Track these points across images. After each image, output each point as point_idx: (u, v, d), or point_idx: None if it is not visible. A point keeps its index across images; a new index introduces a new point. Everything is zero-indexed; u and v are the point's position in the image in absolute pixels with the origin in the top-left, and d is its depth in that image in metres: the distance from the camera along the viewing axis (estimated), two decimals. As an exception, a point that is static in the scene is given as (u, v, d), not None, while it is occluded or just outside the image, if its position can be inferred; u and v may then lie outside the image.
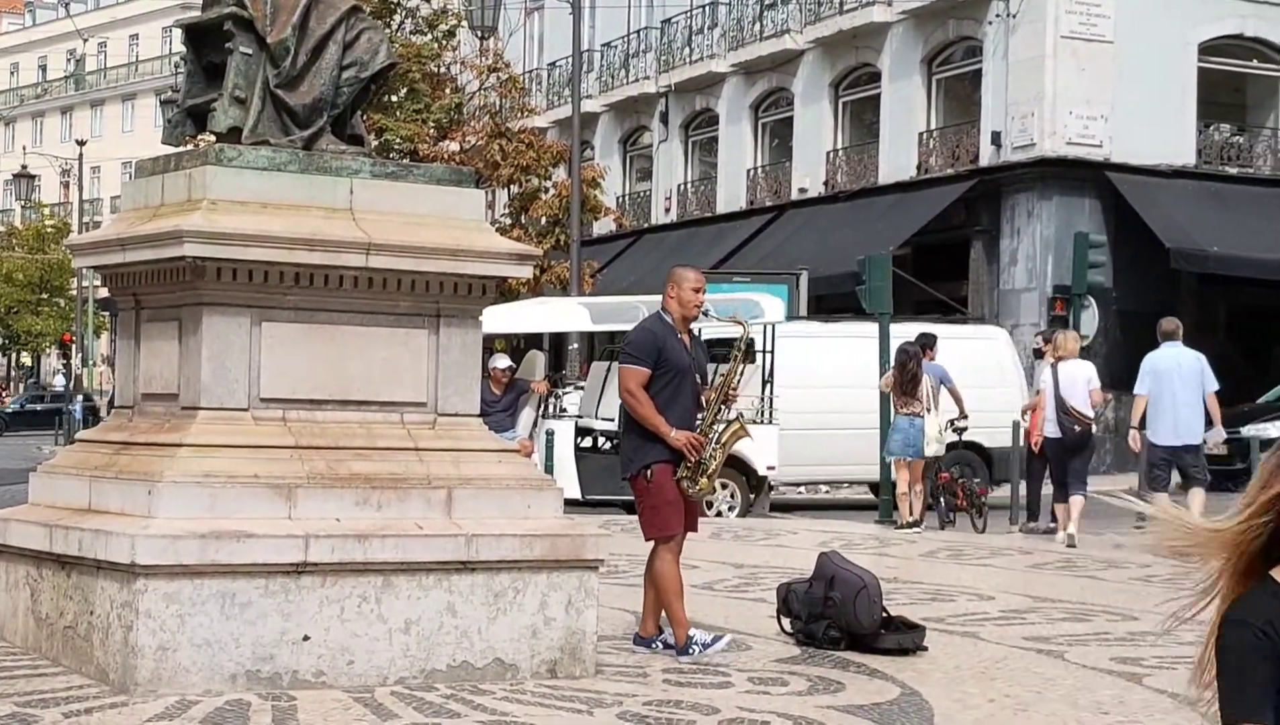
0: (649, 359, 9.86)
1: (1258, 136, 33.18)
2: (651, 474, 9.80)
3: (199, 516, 8.23)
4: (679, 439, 9.78)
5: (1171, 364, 17.15)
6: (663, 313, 10.09)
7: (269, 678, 8.24)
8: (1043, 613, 12.24)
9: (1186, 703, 8.85)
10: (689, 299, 10.01)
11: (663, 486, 9.81)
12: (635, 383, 9.85)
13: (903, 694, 8.91)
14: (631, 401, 9.84)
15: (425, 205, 9.15)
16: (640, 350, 9.94)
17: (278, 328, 8.73)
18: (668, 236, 40.32)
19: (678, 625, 9.81)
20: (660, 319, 10.07)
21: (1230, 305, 32.62)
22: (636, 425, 9.89)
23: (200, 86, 9.44)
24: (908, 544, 17.23)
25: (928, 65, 33.64)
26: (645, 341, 9.97)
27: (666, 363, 9.86)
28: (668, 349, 9.89)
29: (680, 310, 10.03)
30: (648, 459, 9.82)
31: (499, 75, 37.42)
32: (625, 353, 10.06)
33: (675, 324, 10.02)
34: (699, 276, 10.14)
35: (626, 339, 10.31)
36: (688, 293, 10.02)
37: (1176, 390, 17.01)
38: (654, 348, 9.89)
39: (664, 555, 9.89)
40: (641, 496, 9.94)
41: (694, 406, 10.00)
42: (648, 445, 9.82)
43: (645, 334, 10.04)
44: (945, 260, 32.28)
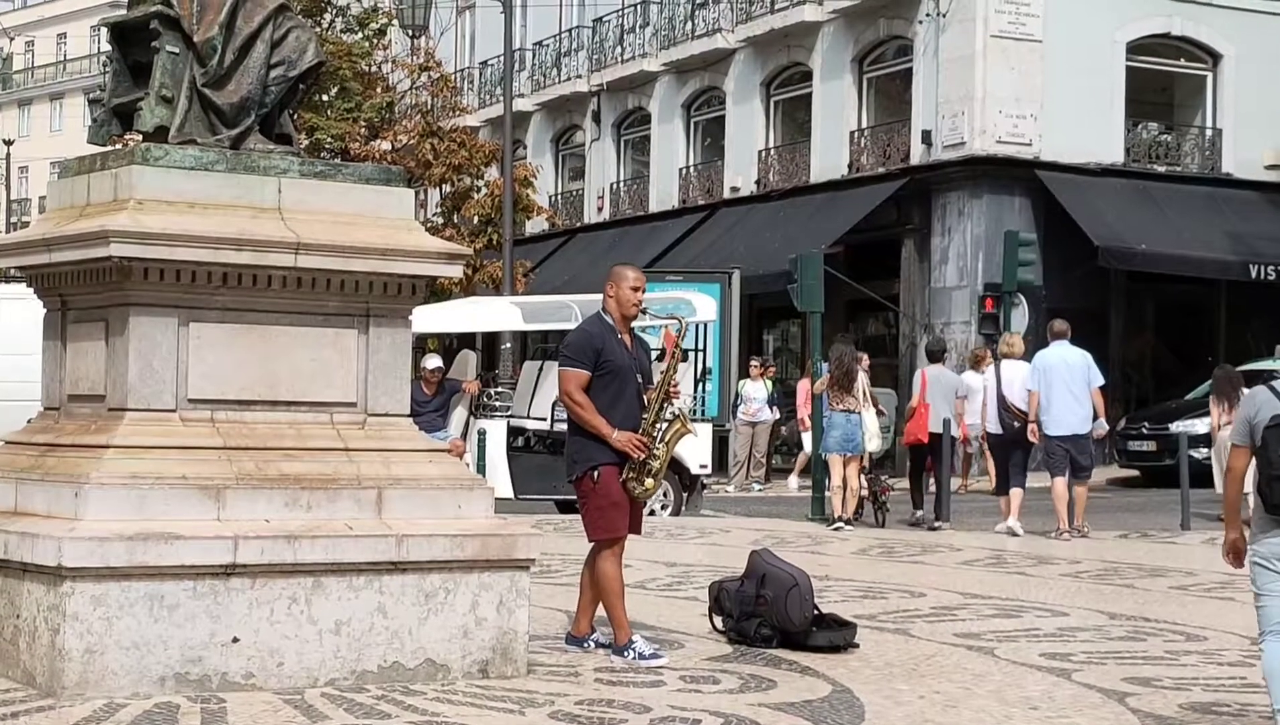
0: (587, 361, 9.80)
1: (1185, 135, 33.43)
2: (599, 476, 9.74)
3: (126, 518, 8.17)
4: (621, 440, 9.73)
5: (1059, 361, 18.47)
6: (602, 313, 10.03)
7: (198, 680, 8.19)
8: (973, 609, 12.31)
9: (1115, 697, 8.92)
10: (627, 297, 9.93)
11: (609, 487, 9.76)
12: (574, 385, 9.79)
13: (834, 691, 8.94)
14: (571, 405, 9.80)
15: (354, 204, 9.11)
16: (578, 352, 9.87)
17: (206, 328, 8.68)
18: (600, 236, 40.31)
19: (618, 627, 9.78)
20: (600, 319, 10.01)
21: (1159, 302, 32.86)
22: (580, 427, 9.83)
23: (126, 85, 9.36)
24: (840, 542, 17.29)
25: (859, 64, 33.73)
26: (582, 343, 9.91)
27: (606, 364, 9.80)
28: (606, 350, 9.82)
29: (619, 309, 9.96)
30: (594, 461, 9.77)
31: (430, 74, 37.35)
32: (563, 356, 9.99)
33: (615, 323, 9.94)
34: (638, 275, 10.05)
35: (564, 341, 10.24)
36: (625, 291, 9.94)
37: (1065, 386, 18.30)
38: (592, 349, 9.83)
39: (607, 556, 9.87)
40: (586, 497, 9.88)
41: (638, 407, 9.94)
42: (592, 446, 9.77)
43: (582, 336, 9.99)
44: (877, 259, 32.39)
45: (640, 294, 9.98)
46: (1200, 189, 32.32)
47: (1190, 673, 9.80)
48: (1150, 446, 27.33)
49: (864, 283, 31.79)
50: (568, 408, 9.86)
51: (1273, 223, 31.97)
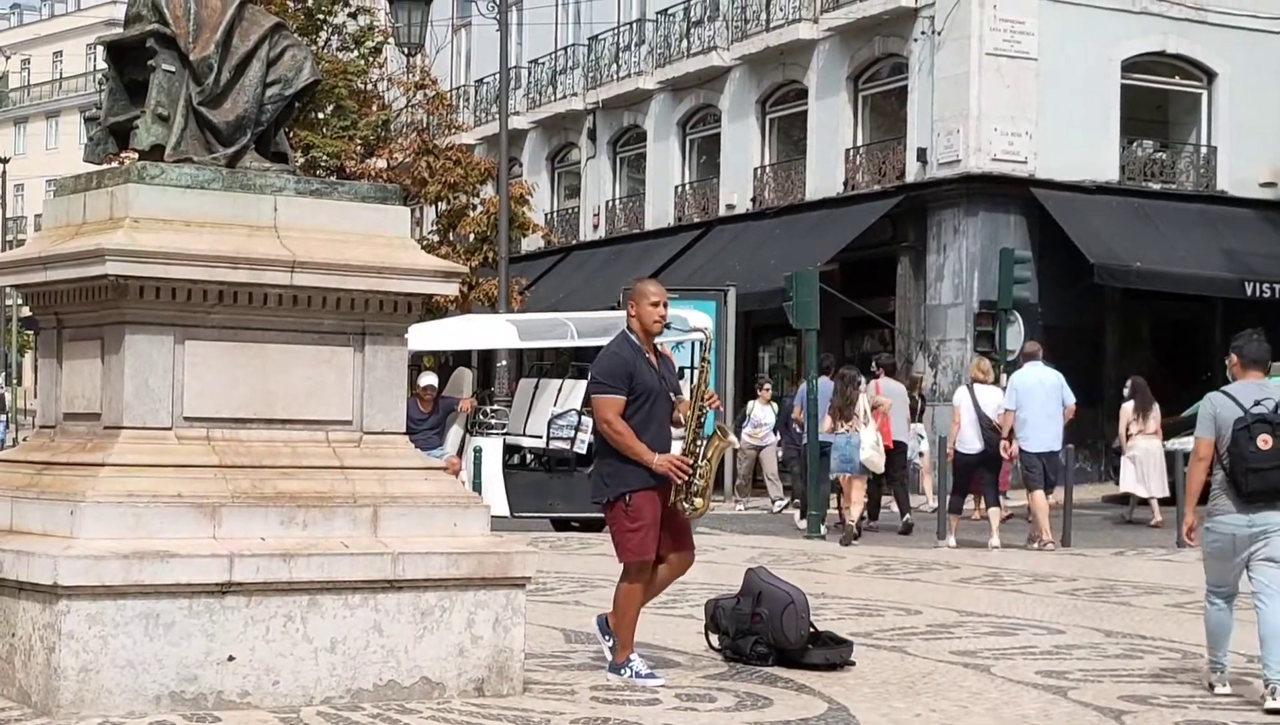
0: (622, 386, 9.62)
1: (1180, 153, 33.47)
2: (630, 500, 9.59)
3: (122, 536, 8.17)
4: (664, 464, 9.60)
5: (1034, 382, 19.52)
6: (628, 332, 9.86)
7: (193, 699, 8.18)
8: (969, 627, 12.30)
9: (1111, 715, 8.92)
10: (648, 314, 9.79)
11: (641, 511, 9.62)
12: (613, 412, 9.61)
13: (830, 709, 8.94)
14: (610, 433, 9.60)
15: (350, 222, 9.11)
16: (611, 377, 9.68)
17: (201, 346, 8.68)
18: (596, 253, 40.32)
19: (622, 645, 9.73)
20: (627, 340, 9.82)
21: (1155, 320, 32.87)
22: (612, 450, 9.66)
23: (123, 104, 9.37)
24: (835, 559, 17.29)
25: (854, 82, 33.76)
26: (615, 368, 9.71)
27: (638, 387, 9.65)
28: (638, 373, 9.67)
29: (645, 327, 9.81)
30: (627, 486, 9.61)
31: (426, 92, 37.37)
32: (596, 382, 9.77)
33: (641, 342, 9.80)
34: (659, 289, 9.89)
35: (595, 367, 9.99)
36: (646, 308, 9.79)
37: (1039, 404, 19.33)
38: (625, 373, 9.66)
39: (633, 580, 9.76)
40: (617, 519, 9.70)
41: (668, 427, 9.85)
42: (625, 470, 9.61)
43: (615, 360, 9.76)
44: (872, 276, 32.41)
45: (662, 309, 9.84)
46: (1195, 207, 32.34)
47: (1186, 690, 9.79)
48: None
49: (859, 300, 31.80)
50: (606, 434, 9.63)
51: (1268, 240, 32.01)
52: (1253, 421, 9.53)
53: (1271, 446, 9.46)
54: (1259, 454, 9.45)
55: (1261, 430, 9.49)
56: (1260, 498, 9.50)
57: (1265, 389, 9.79)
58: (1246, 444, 9.47)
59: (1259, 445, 9.46)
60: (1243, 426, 9.52)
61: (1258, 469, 9.46)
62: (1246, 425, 9.51)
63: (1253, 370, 9.97)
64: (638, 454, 9.57)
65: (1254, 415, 9.55)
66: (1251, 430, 9.50)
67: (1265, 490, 9.48)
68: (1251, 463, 9.45)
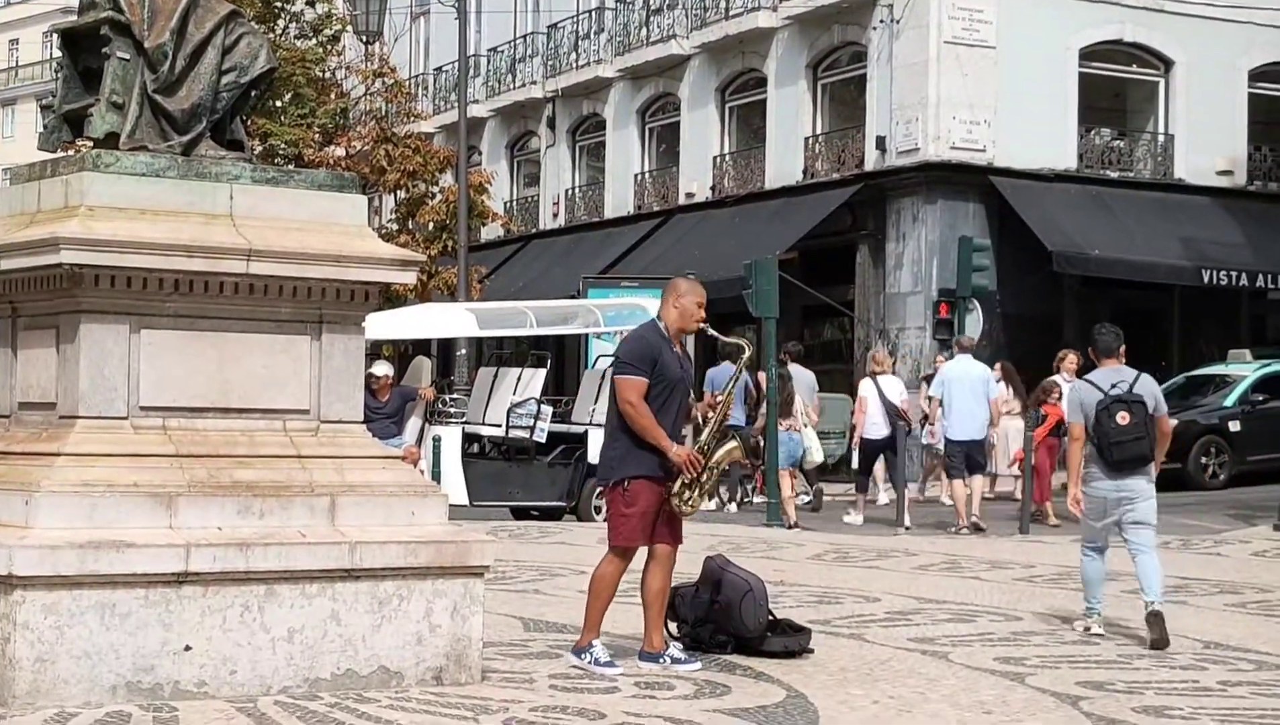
0: (646, 368, 9.65)
1: (1138, 141, 33.59)
2: (629, 486, 9.64)
3: (78, 526, 8.13)
4: (680, 454, 9.65)
5: (963, 373, 20.60)
6: (658, 321, 9.90)
7: (150, 689, 8.15)
8: (928, 614, 12.33)
9: (1068, 701, 8.95)
10: (692, 312, 9.84)
11: (637, 498, 9.65)
12: (636, 394, 9.61)
13: (788, 696, 8.95)
14: (633, 413, 9.59)
15: (307, 211, 9.08)
16: (637, 359, 9.70)
17: (157, 335, 8.64)
18: (556, 242, 40.29)
19: (588, 628, 9.72)
20: (655, 328, 9.87)
21: (1112, 308, 32.87)
22: (624, 435, 9.67)
23: (77, 92, 9.32)
24: (794, 547, 17.32)
25: (813, 70, 33.79)
26: (642, 350, 9.75)
27: (660, 374, 9.68)
28: (663, 360, 9.71)
29: (680, 322, 9.83)
30: (631, 472, 9.64)
31: (385, 80, 37.28)
32: (622, 362, 9.79)
33: (670, 335, 9.83)
34: (703, 292, 9.94)
35: (622, 349, 10.02)
36: (690, 305, 9.84)
37: (965, 395, 20.34)
38: (650, 358, 9.69)
39: (614, 561, 9.78)
40: (614, 503, 9.77)
41: (681, 420, 9.88)
42: (632, 456, 9.64)
43: (641, 343, 9.82)
44: (832, 264, 32.46)
45: (704, 312, 9.91)
46: (1153, 195, 32.48)
47: (1143, 676, 9.84)
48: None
49: (819, 288, 31.84)
50: (628, 415, 9.62)
51: (1225, 228, 32.16)
52: (1111, 402, 11.32)
53: (1129, 421, 11.25)
54: (1119, 428, 11.25)
55: (1119, 409, 11.28)
56: (1124, 465, 11.30)
57: (1120, 373, 11.59)
58: (1108, 421, 11.28)
59: (1118, 421, 11.26)
60: (1103, 407, 11.32)
61: (1119, 442, 11.25)
62: (1106, 405, 11.31)
63: (1108, 359, 11.71)
64: (656, 438, 9.60)
65: (1112, 397, 11.34)
66: (1111, 409, 11.30)
67: (1126, 459, 11.28)
68: (1113, 437, 11.25)
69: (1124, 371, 11.66)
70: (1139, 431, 11.27)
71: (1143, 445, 11.31)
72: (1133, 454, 11.28)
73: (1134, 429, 11.25)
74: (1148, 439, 11.33)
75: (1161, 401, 11.64)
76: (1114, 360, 11.69)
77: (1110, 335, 11.79)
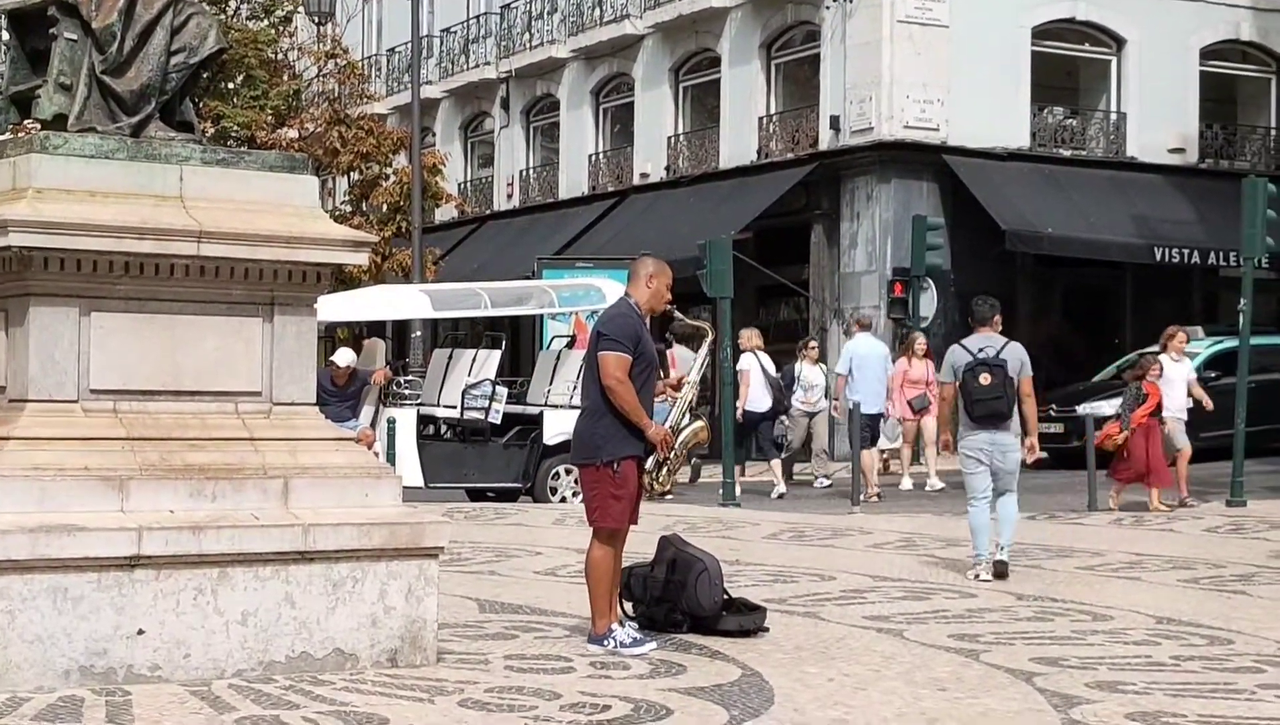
0: (629, 345, 9.65)
1: (1090, 119, 33.68)
2: (619, 467, 9.63)
3: (28, 510, 8.09)
4: (657, 434, 9.69)
5: (867, 351, 22.65)
6: (628, 299, 9.92)
7: (103, 673, 8.12)
8: (883, 592, 12.37)
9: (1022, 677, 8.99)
10: (663, 293, 9.90)
11: (628, 480, 9.67)
12: (622, 370, 9.59)
13: (744, 675, 8.96)
14: (620, 390, 9.56)
15: (258, 192, 9.04)
16: (622, 335, 9.68)
17: (108, 318, 8.59)
18: (511, 223, 40.22)
19: (599, 615, 9.70)
20: (631, 307, 9.88)
21: (1066, 286, 33.11)
22: (608, 413, 9.64)
23: (25, 73, 9.26)
24: (750, 526, 17.35)
25: (767, 50, 33.78)
26: (625, 328, 9.73)
27: (641, 352, 9.69)
28: (644, 339, 9.74)
29: (651, 301, 9.88)
30: (619, 452, 9.63)
31: (337, 61, 37.15)
32: (607, 337, 9.71)
33: (641, 314, 9.87)
34: (670, 272, 9.99)
35: (604, 325, 9.95)
36: (663, 286, 9.90)
37: (872, 371, 22.34)
38: (635, 335, 9.70)
39: (604, 546, 9.77)
40: (600, 484, 9.71)
41: (651, 399, 9.89)
42: (620, 435, 9.63)
43: (624, 321, 9.79)
44: (786, 244, 32.46)
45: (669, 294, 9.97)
46: (1105, 173, 32.56)
47: (1097, 652, 9.88)
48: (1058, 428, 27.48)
49: (774, 268, 31.86)
50: (613, 392, 9.58)
51: (1177, 206, 32.27)
52: (976, 365, 13.05)
53: (990, 382, 12.93)
54: (980, 388, 12.97)
55: (983, 371, 12.98)
56: (986, 420, 13.01)
57: (989, 340, 13.31)
58: (972, 381, 13.02)
59: (981, 382, 12.96)
60: (969, 369, 13.06)
61: (980, 399, 12.97)
62: (971, 367, 13.05)
63: (981, 327, 13.47)
64: (638, 417, 9.62)
65: (978, 360, 13.07)
66: (975, 371, 13.01)
67: (987, 415, 12.98)
68: (975, 395, 12.99)
69: (994, 338, 13.34)
70: (997, 392, 12.95)
71: (1001, 404, 12.99)
72: (991, 411, 12.98)
73: (993, 389, 12.94)
74: (1005, 398, 13.00)
75: (1027, 365, 13.28)
76: (988, 328, 13.42)
77: (986, 306, 13.57)
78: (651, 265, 10.03)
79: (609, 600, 9.79)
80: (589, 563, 9.86)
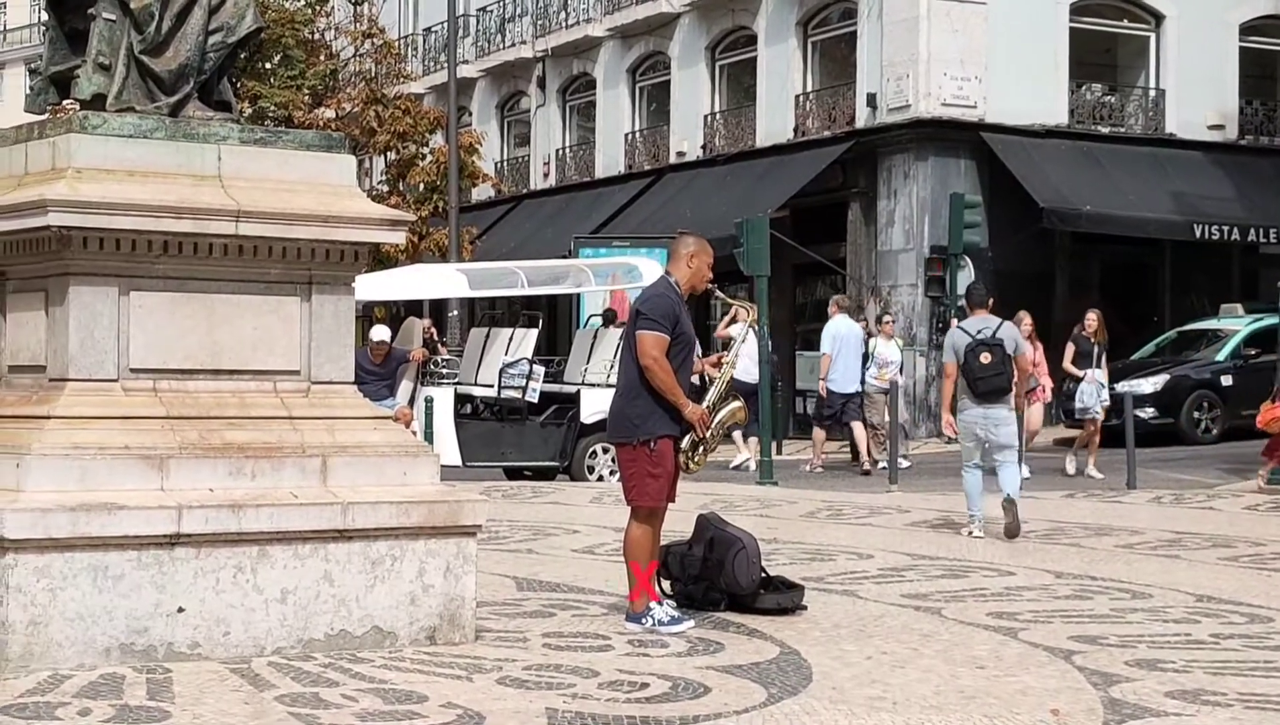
0: (668, 325, 9.63)
1: (1129, 96, 33.52)
2: (655, 446, 9.63)
3: (69, 489, 8.12)
4: (694, 414, 9.69)
5: (846, 331, 23.22)
6: (669, 277, 9.90)
7: (143, 650, 8.15)
8: (921, 570, 12.35)
9: (1061, 655, 8.97)
10: (704, 272, 9.90)
11: (664, 458, 9.67)
12: (660, 350, 9.58)
13: (782, 653, 8.96)
14: (656, 369, 9.55)
15: (295, 171, 9.05)
16: (661, 315, 9.66)
17: (147, 297, 8.61)
18: (547, 202, 40.23)
19: (637, 593, 9.69)
20: (671, 287, 9.85)
21: (1104, 263, 32.96)
22: (645, 392, 9.64)
23: (64, 54, 9.29)
24: (788, 504, 17.34)
25: (803, 27, 33.70)
26: (665, 308, 9.70)
27: (680, 333, 9.69)
28: (682, 319, 9.73)
29: (693, 280, 9.87)
30: (656, 431, 9.63)
31: (374, 41, 37.19)
32: (646, 317, 9.68)
33: (681, 293, 9.85)
34: (712, 251, 10.02)
35: (643, 304, 9.90)
36: (704, 266, 9.90)
37: (850, 352, 23.03)
38: (674, 315, 9.69)
39: (642, 524, 9.77)
40: (637, 462, 9.70)
41: (689, 379, 9.89)
42: (657, 415, 9.63)
43: (664, 301, 9.76)
44: (823, 222, 32.41)
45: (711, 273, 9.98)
46: (1144, 150, 32.42)
47: (1136, 630, 9.85)
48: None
49: (810, 246, 31.81)
50: (650, 371, 9.57)
51: (1216, 182, 32.11)
52: (976, 345, 14.13)
53: (990, 361, 14.06)
54: (982, 367, 14.08)
55: (983, 350, 14.09)
56: (989, 396, 14.15)
57: (986, 321, 14.44)
58: (974, 361, 14.12)
59: (982, 361, 14.07)
60: (970, 348, 14.15)
61: (982, 376, 14.09)
62: (972, 347, 14.14)
63: (979, 309, 14.71)
64: (675, 397, 9.61)
65: (978, 341, 14.16)
66: (976, 351, 14.11)
67: (989, 391, 14.14)
68: (977, 373, 14.11)
69: (990, 320, 14.51)
70: (998, 368, 14.10)
71: (1002, 379, 14.16)
72: (994, 387, 14.15)
73: (994, 367, 14.08)
74: (1005, 374, 14.17)
75: (1022, 343, 14.71)
76: (983, 311, 14.65)
77: (980, 291, 15.16)
78: (693, 243, 10.01)
79: (647, 578, 9.79)
80: (627, 541, 9.86)
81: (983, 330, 14.27)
